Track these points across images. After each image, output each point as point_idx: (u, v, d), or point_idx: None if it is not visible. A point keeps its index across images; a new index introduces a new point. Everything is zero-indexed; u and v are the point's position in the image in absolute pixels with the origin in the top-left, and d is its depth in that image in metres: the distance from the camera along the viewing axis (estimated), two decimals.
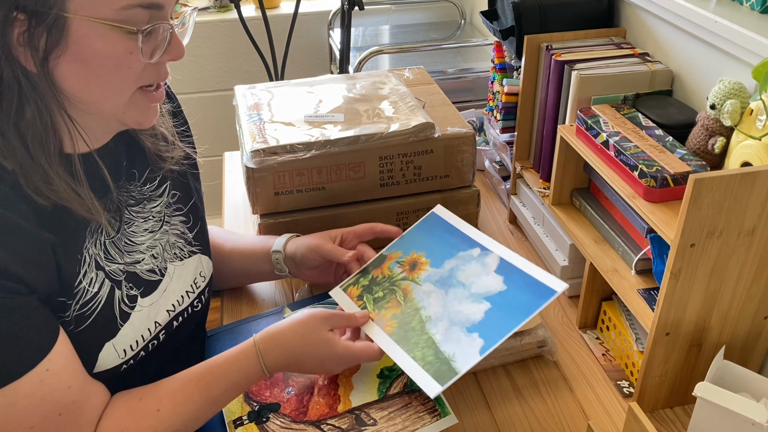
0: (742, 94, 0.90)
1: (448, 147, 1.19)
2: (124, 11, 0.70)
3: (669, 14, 1.09)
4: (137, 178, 0.89)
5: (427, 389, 0.81)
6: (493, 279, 0.91)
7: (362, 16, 2.29)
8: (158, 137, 0.91)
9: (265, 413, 0.89)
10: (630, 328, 0.99)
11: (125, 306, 0.83)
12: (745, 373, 0.85)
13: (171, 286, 0.90)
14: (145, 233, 0.88)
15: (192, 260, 0.95)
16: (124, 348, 0.83)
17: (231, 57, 2.45)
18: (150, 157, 0.90)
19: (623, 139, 0.97)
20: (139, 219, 0.88)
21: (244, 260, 1.10)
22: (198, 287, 0.95)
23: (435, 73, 1.85)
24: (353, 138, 1.13)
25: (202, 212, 1.00)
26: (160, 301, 0.88)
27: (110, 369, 0.82)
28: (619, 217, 1.03)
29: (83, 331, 0.78)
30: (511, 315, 0.85)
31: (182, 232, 0.94)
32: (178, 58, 0.78)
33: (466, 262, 0.95)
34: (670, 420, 0.93)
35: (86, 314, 0.79)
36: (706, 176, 0.74)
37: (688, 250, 0.79)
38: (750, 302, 0.87)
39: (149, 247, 0.88)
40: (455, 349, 0.84)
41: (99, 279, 0.80)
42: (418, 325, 0.89)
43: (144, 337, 0.85)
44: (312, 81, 1.35)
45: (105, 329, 0.81)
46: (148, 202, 0.89)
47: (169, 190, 0.93)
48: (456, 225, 1.03)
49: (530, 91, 1.23)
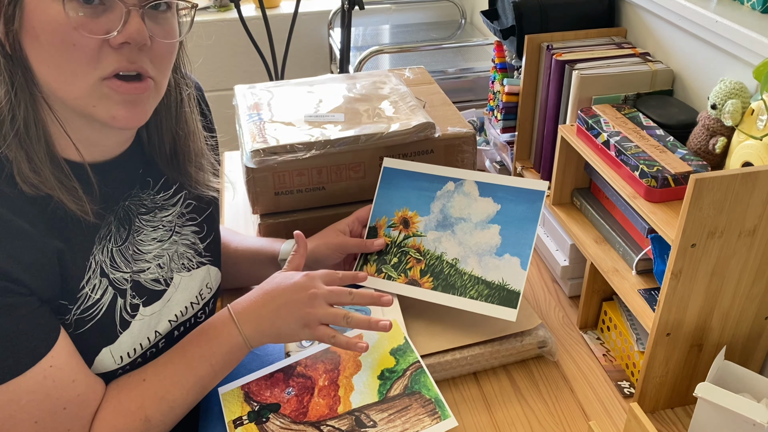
0: (743, 94, 0.89)
1: (448, 147, 1.19)
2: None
3: (670, 14, 1.09)
4: (151, 186, 0.87)
5: (505, 316, 0.90)
6: (483, 203, 0.98)
7: (362, 15, 2.29)
8: (201, 168, 0.90)
9: (265, 413, 0.88)
10: (631, 328, 0.99)
11: (126, 314, 0.83)
12: (745, 374, 0.84)
13: (175, 296, 0.89)
14: (153, 242, 0.87)
15: (200, 271, 0.93)
16: (122, 354, 0.82)
17: (231, 57, 2.44)
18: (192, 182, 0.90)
19: (624, 139, 0.96)
20: (149, 228, 0.87)
21: (249, 262, 1.09)
22: (203, 298, 0.94)
23: (435, 73, 1.85)
24: (353, 138, 1.12)
25: (218, 222, 0.99)
26: (162, 310, 0.87)
27: (106, 374, 0.82)
28: (620, 217, 1.03)
29: (81, 334, 0.78)
30: (523, 225, 0.94)
31: (193, 243, 0.93)
32: (135, 42, 0.70)
33: (449, 198, 1.01)
34: (671, 420, 0.93)
35: (86, 319, 0.79)
36: (707, 176, 0.74)
37: (688, 251, 0.79)
38: (751, 302, 0.87)
39: (156, 256, 0.87)
40: (501, 275, 0.93)
41: (102, 286, 0.80)
42: (451, 270, 0.95)
43: (143, 345, 0.85)
44: (312, 81, 1.35)
45: (104, 335, 0.81)
46: (159, 211, 0.88)
47: (184, 199, 0.91)
48: (414, 169, 1.06)
49: (531, 90, 1.23)
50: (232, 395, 0.91)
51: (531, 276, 1.21)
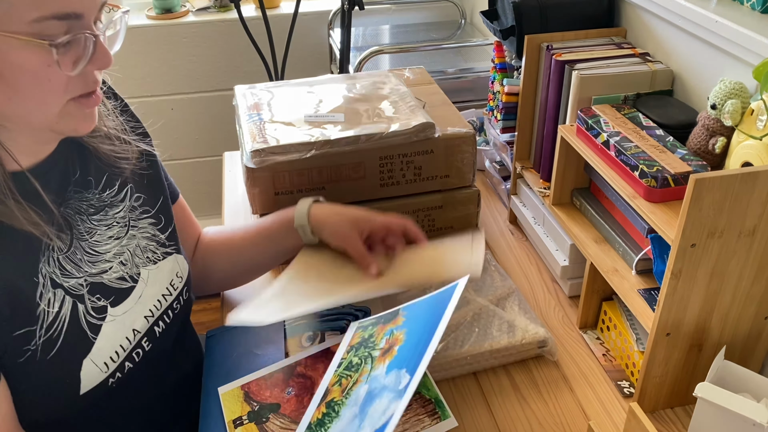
0: (743, 94, 0.90)
1: (448, 147, 1.19)
2: (37, 24, 0.65)
3: (670, 14, 1.09)
4: (94, 185, 0.85)
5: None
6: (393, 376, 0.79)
7: (362, 16, 2.29)
8: (112, 139, 0.87)
9: (264, 413, 0.88)
10: (630, 328, 0.99)
11: (93, 318, 0.81)
12: (745, 374, 0.84)
13: (146, 291, 0.88)
14: (110, 241, 0.85)
15: (167, 262, 0.92)
16: (104, 361, 0.81)
17: (231, 57, 2.44)
18: (106, 161, 0.86)
19: (624, 139, 0.96)
20: (102, 227, 0.85)
21: (267, 240, 1.04)
22: (176, 288, 0.92)
23: (435, 73, 1.85)
24: (353, 138, 1.13)
25: (171, 211, 0.96)
26: (135, 308, 0.86)
27: (98, 386, 0.80)
28: (620, 217, 1.03)
29: (56, 353, 0.76)
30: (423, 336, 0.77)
31: (153, 235, 0.91)
32: (104, 67, 0.73)
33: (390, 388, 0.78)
34: (671, 420, 0.93)
35: (54, 336, 0.76)
36: (707, 176, 0.74)
37: (688, 251, 0.79)
38: (751, 302, 0.87)
39: (116, 254, 0.85)
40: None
41: (58, 297, 0.78)
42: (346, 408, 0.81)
43: (124, 347, 0.83)
44: (312, 81, 1.35)
45: (77, 346, 0.79)
46: (110, 208, 0.86)
47: (131, 193, 0.90)
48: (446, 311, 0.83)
49: (530, 91, 1.23)
50: (232, 395, 0.91)
51: (531, 276, 1.21)
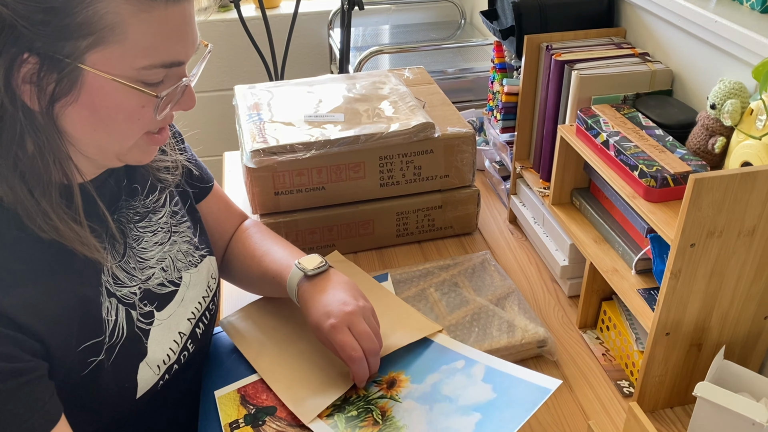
0: (743, 94, 0.90)
1: (448, 147, 1.19)
2: (144, 70, 0.68)
3: (669, 14, 1.09)
4: (140, 192, 0.87)
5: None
6: (480, 389, 0.83)
7: (362, 16, 2.29)
8: (165, 151, 0.90)
9: (261, 416, 0.88)
10: (630, 327, 0.99)
11: (143, 324, 0.82)
12: (745, 373, 0.85)
13: (188, 294, 0.89)
14: (155, 247, 0.86)
15: (204, 264, 0.93)
16: (158, 364, 0.82)
17: (231, 57, 2.45)
18: (153, 172, 0.88)
19: (623, 139, 0.96)
20: (148, 233, 0.86)
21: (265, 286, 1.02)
22: (211, 290, 0.94)
23: (435, 73, 1.85)
24: (353, 138, 1.13)
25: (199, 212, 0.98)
26: (178, 311, 0.87)
27: (150, 389, 0.81)
28: (619, 217, 1.03)
29: (117, 358, 0.78)
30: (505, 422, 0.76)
31: (190, 238, 0.92)
32: (187, 109, 0.76)
33: (450, 375, 0.86)
34: (670, 420, 0.93)
35: (115, 343, 0.78)
36: (706, 176, 0.74)
37: (688, 250, 0.79)
38: (750, 302, 0.87)
39: (159, 260, 0.86)
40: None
41: (114, 306, 0.79)
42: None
43: (173, 350, 0.85)
44: (312, 81, 1.35)
45: (136, 351, 0.80)
46: (153, 214, 0.88)
47: (170, 198, 0.91)
48: (435, 340, 0.92)
49: (530, 91, 1.23)
50: (228, 398, 0.91)
51: (530, 275, 1.21)
